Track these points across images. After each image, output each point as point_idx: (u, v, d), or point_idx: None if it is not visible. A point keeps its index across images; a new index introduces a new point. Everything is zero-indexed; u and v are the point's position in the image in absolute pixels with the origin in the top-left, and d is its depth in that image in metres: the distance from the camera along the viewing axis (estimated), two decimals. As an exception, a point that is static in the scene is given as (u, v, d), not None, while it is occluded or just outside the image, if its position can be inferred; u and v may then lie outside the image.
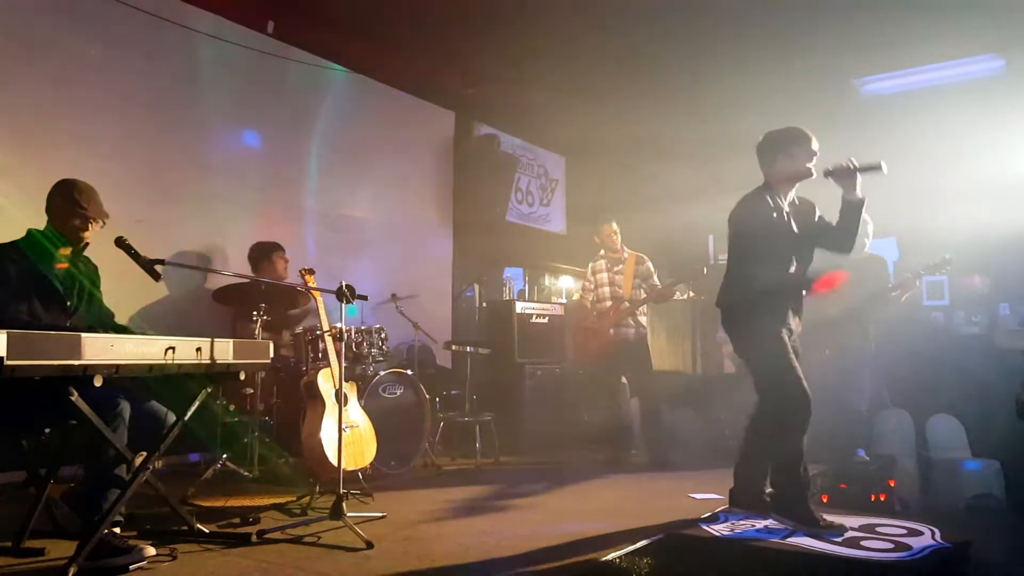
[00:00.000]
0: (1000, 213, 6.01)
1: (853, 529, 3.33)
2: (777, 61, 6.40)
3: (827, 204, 3.59)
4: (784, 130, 3.54)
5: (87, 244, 3.17)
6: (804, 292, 3.57)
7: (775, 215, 3.45)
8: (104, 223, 3.14)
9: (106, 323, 3.27)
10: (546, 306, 6.71)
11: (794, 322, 3.58)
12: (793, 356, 3.44)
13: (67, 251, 3.13)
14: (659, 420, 5.61)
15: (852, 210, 3.40)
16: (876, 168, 3.30)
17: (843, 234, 3.47)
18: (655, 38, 6.14)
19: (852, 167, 3.33)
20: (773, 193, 3.51)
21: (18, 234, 3.09)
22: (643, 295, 5.70)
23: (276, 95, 5.80)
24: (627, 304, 5.63)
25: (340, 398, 3.56)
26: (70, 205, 3.05)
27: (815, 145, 3.48)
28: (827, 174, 3.39)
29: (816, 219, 3.60)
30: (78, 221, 3.07)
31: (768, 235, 3.43)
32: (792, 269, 3.51)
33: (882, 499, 3.98)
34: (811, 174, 3.49)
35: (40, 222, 3.13)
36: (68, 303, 3.09)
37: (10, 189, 4.19)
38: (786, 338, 3.46)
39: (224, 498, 3.94)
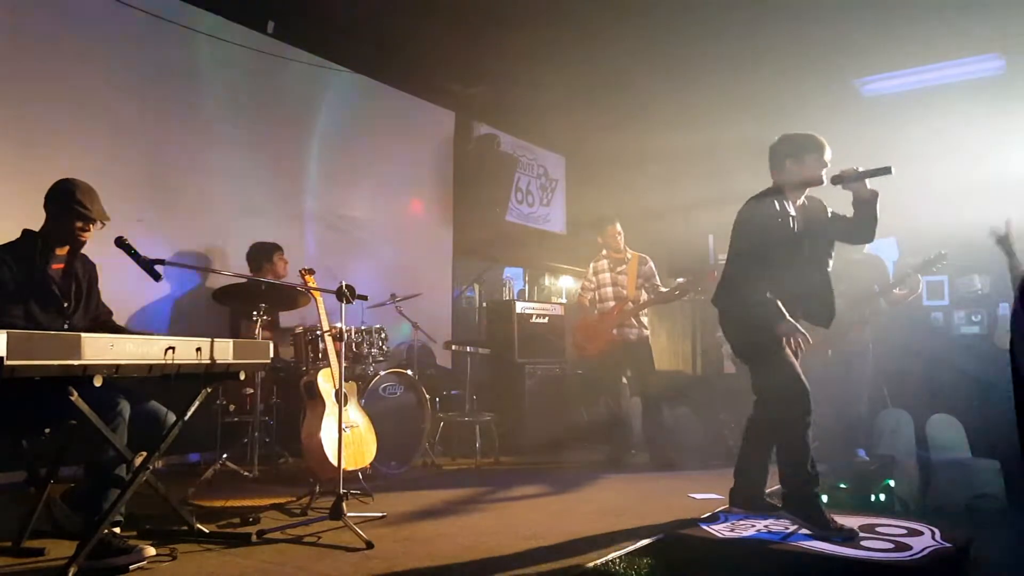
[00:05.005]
0: (1000, 213, 6.00)
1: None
2: (777, 61, 6.40)
3: (836, 205, 3.58)
4: (798, 135, 3.50)
5: (84, 243, 3.15)
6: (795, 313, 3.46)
7: (780, 220, 3.42)
8: (104, 224, 3.11)
9: (104, 323, 3.26)
10: (546, 306, 6.70)
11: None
12: (789, 352, 3.44)
13: (64, 251, 3.12)
14: (659, 420, 5.61)
15: (866, 206, 3.39)
16: (885, 172, 3.27)
17: (862, 226, 3.44)
18: (654, 38, 6.15)
19: (858, 173, 3.32)
20: (781, 197, 3.48)
21: (13, 234, 3.08)
22: (645, 295, 5.70)
23: (276, 95, 5.80)
24: (631, 305, 5.63)
25: (340, 398, 3.57)
26: (71, 205, 3.00)
27: (828, 155, 3.44)
28: (834, 180, 3.38)
29: (829, 217, 3.58)
30: (80, 222, 3.03)
31: (769, 239, 3.41)
32: (799, 273, 3.49)
33: (882, 499, 3.98)
34: (820, 181, 3.45)
35: (36, 223, 3.10)
36: (65, 304, 3.07)
37: (9, 189, 4.19)
38: (778, 337, 3.45)
39: (224, 498, 3.94)
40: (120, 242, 2.95)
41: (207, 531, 3.16)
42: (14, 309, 2.91)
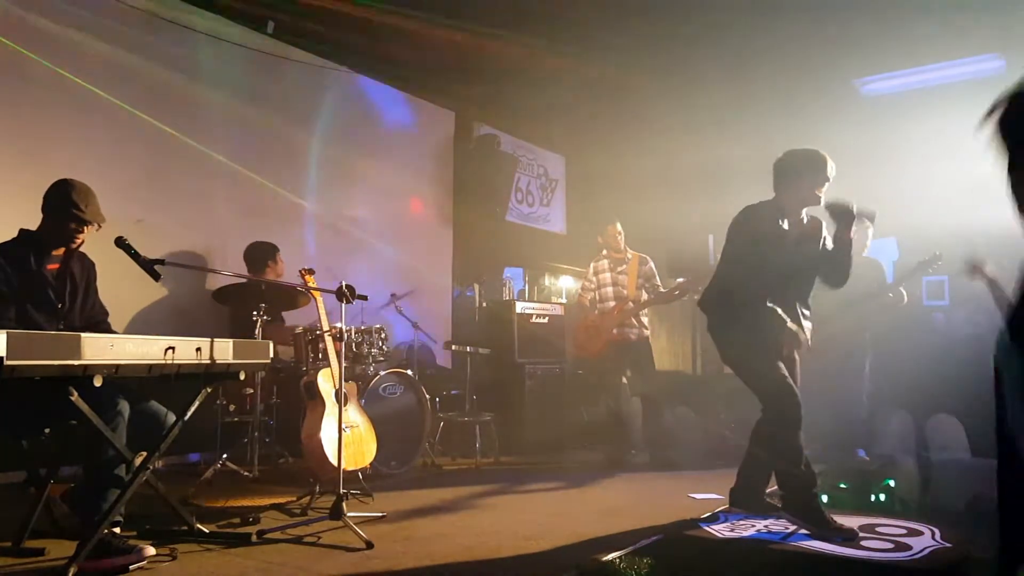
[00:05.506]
0: (1001, 213, 6.00)
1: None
2: (777, 61, 6.40)
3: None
4: (802, 151, 3.50)
5: (80, 244, 3.14)
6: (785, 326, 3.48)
7: (775, 233, 3.43)
8: (100, 226, 3.10)
9: (98, 323, 3.24)
10: (546, 306, 6.70)
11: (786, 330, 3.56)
12: (774, 357, 3.44)
13: (60, 251, 3.11)
14: (659, 420, 5.61)
15: (842, 247, 3.44)
16: (870, 218, 3.39)
17: (835, 267, 3.51)
18: (654, 38, 6.15)
19: (851, 211, 3.35)
20: (780, 211, 3.49)
21: (10, 234, 3.07)
22: (645, 295, 5.70)
23: (276, 95, 5.80)
24: (631, 305, 5.63)
25: (340, 398, 3.57)
26: (67, 206, 3.00)
27: (831, 171, 3.45)
28: (827, 207, 3.42)
29: (821, 245, 3.59)
30: (74, 223, 3.03)
31: (762, 250, 3.41)
32: (786, 289, 3.50)
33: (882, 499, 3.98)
34: (818, 202, 3.48)
35: (36, 223, 3.09)
36: (60, 305, 3.07)
37: (9, 189, 4.19)
38: (765, 343, 3.45)
39: (224, 498, 3.94)
40: (120, 242, 2.95)
41: (207, 531, 3.16)
42: (8, 309, 2.91)
